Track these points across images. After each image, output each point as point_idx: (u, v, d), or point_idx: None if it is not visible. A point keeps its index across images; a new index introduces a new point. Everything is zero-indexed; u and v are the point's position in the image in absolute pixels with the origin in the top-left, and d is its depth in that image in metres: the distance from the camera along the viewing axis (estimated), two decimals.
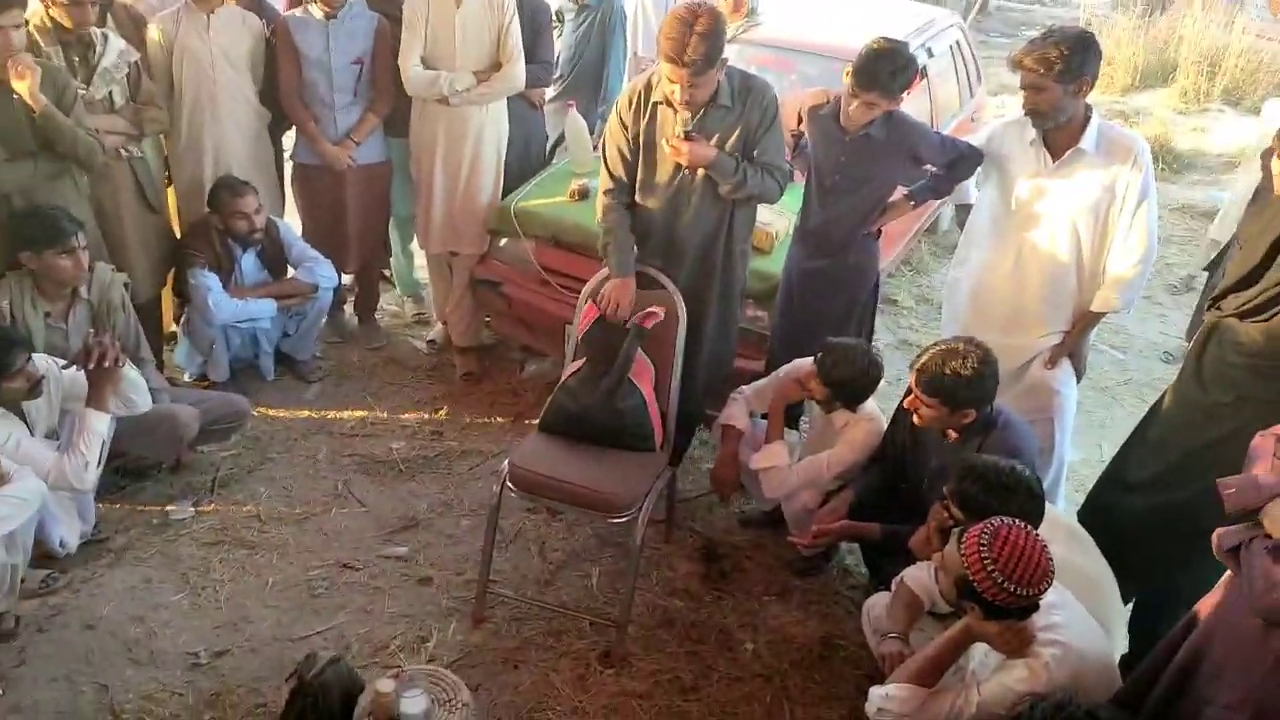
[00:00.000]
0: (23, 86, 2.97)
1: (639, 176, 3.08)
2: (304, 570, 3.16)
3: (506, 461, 2.96)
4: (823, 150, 3.17)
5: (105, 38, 3.41)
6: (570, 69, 4.60)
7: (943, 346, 2.63)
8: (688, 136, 2.88)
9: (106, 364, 2.86)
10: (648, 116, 2.99)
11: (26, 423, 2.90)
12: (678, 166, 2.98)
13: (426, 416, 4.01)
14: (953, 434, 2.72)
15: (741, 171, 2.95)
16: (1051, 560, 2.01)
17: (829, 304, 3.30)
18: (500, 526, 3.13)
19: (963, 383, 2.56)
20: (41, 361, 2.90)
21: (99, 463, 2.91)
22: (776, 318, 3.46)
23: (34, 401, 2.90)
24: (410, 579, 3.16)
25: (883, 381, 3.08)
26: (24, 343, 2.84)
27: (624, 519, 2.87)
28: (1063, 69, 2.73)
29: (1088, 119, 2.89)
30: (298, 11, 3.85)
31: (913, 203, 3.28)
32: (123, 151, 3.48)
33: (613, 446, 3.00)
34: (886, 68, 2.91)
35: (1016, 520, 2.06)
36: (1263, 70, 9.22)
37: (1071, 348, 3.11)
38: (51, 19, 3.27)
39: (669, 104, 2.91)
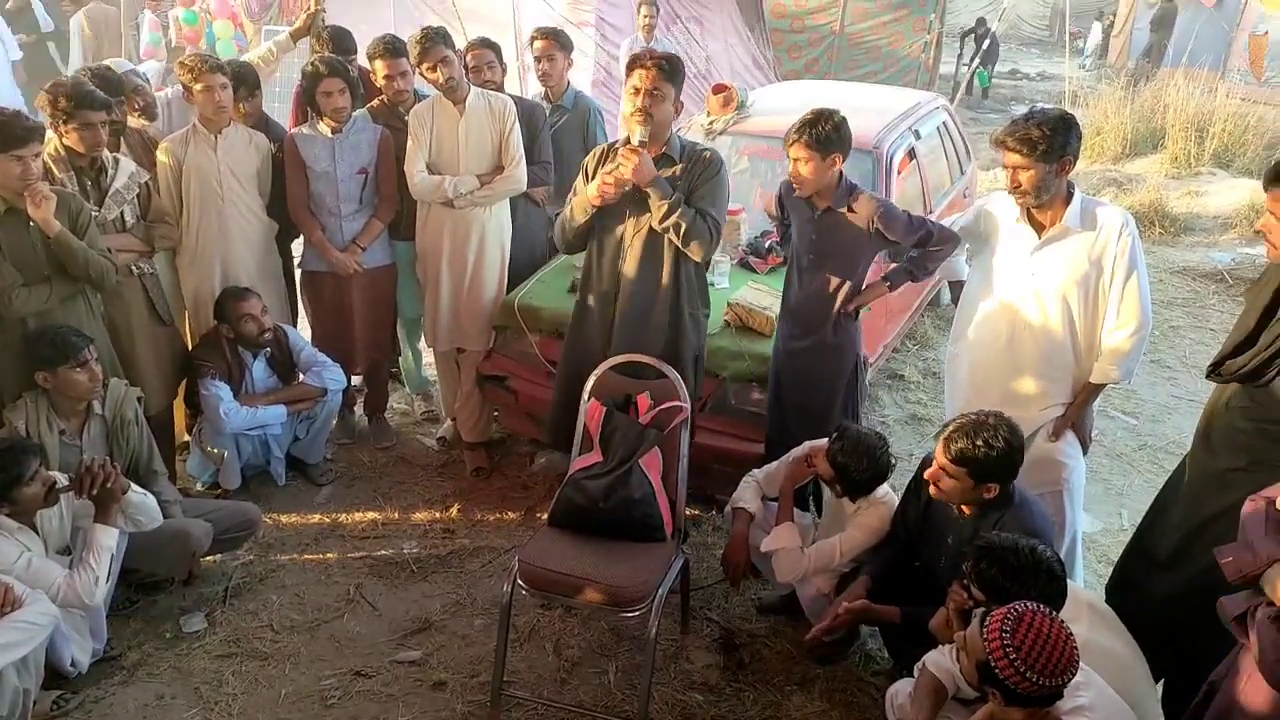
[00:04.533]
0: (39, 214, 3.07)
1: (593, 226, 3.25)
2: (316, 680, 3.11)
3: (516, 558, 2.94)
4: (798, 230, 3.31)
5: (116, 161, 3.54)
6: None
7: (971, 419, 2.61)
8: (639, 147, 3.01)
9: (96, 490, 2.89)
10: (608, 162, 3.17)
11: (40, 535, 2.91)
12: (622, 213, 3.14)
13: (438, 515, 4.00)
14: (965, 509, 2.70)
15: (678, 199, 3.08)
16: (1076, 649, 1.97)
17: (812, 382, 3.35)
18: (514, 624, 3.08)
19: (993, 455, 2.55)
20: (58, 478, 2.93)
21: (109, 578, 2.92)
22: (769, 398, 3.49)
23: (47, 515, 2.94)
24: (424, 684, 3.11)
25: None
26: (35, 449, 2.88)
27: (637, 611, 2.83)
28: (1045, 149, 2.79)
29: (1070, 195, 2.94)
30: (304, 128, 4.00)
31: (888, 284, 3.32)
32: (134, 268, 3.58)
33: (623, 538, 2.98)
34: (810, 125, 3.08)
35: (1041, 605, 2.03)
36: (1250, 132, 9.39)
37: (1074, 419, 3.10)
38: (65, 146, 3.41)
39: (629, 138, 3.07)
